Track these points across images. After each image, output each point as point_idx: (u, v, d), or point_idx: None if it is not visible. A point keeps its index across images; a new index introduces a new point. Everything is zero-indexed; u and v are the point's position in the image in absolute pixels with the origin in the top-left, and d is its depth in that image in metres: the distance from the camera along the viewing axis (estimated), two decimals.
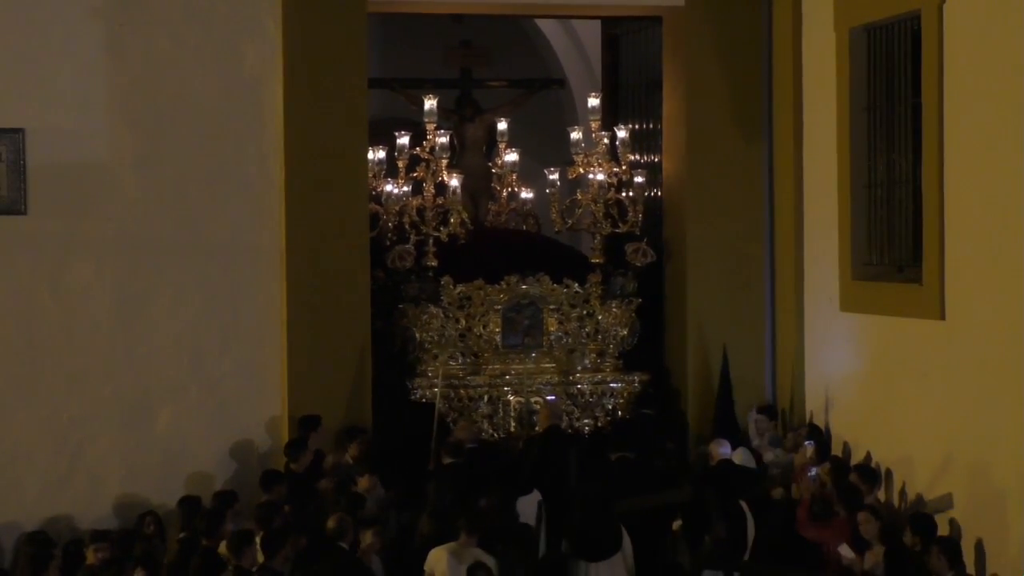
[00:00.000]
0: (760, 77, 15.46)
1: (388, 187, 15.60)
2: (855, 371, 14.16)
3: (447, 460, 13.55)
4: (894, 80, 13.72)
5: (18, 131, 14.04)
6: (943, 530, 12.51)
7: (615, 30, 17.52)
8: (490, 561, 11.69)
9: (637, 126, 17.04)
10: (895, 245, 13.75)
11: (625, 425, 14.91)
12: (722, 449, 13.72)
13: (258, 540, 11.60)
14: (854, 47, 14.08)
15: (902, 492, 13.33)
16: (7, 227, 14.05)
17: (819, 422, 14.63)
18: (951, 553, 11.63)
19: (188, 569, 11.84)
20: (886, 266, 13.89)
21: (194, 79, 14.40)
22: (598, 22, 17.88)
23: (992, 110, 12.19)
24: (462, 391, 15.00)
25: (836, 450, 14.27)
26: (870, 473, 13.27)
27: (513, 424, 15.01)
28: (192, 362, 14.40)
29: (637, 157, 16.89)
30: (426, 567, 11.85)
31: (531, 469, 13.63)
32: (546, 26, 19.96)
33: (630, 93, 17.31)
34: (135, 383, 14.27)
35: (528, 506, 12.99)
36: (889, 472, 13.52)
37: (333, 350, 14.52)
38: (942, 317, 12.78)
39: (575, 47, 19.90)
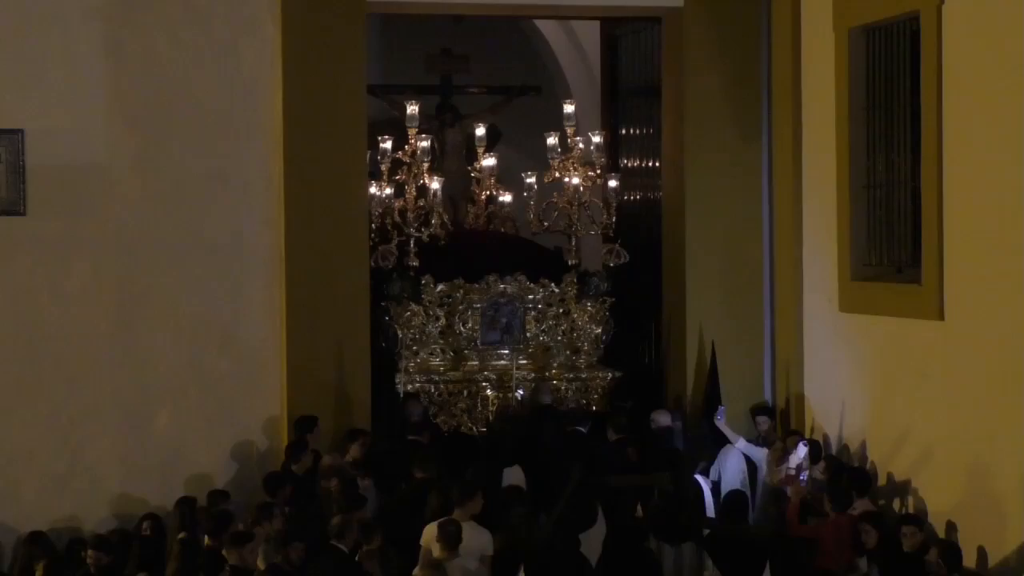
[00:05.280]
0: (759, 78, 15.46)
1: (372, 189, 15.97)
2: (854, 372, 14.16)
3: (411, 437, 13.94)
4: (893, 80, 13.72)
5: (17, 132, 14.06)
6: (941, 531, 12.53)
7: (615, 31, 17.53)
8: (485, 534, 11.81)
9: (636, 128, 17.07)
10: (894, 245, 13.75)
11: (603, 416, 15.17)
12: (662, 419, 14.56)
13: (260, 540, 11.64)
14: (853, 47, 14.09)
15: (902, 494, 13.34)
16: (6, 227, 14.07)
17: (818, 423, 14.64)
18: (951, 555, 11.64)
19: (189, 569, 11.83)
20: (885, 266, 13.89)
21: (193, 79, 14.41)
22: (597, 24, 17.89)
23: (991, 110, 12.20)
24: (442, 386, 15.30)
25: (835, 451, 14.27)
26: (861, 476, 13.28)
27: (491, 418, 15.28)
28: (191, 362, 14.41)
29: (637, 160, 16.98)
30: (423, 542, 11.91)
31: (514, 443, 13.96)
32: (545, 27, 19.97)
33: (629, 94, 17.34)
34: (135, 383, 14.29)
35: (510, 479, 13.22)
36: (888, 473, 13.52)
37: (332, 351, 14.53)
38: (941, 317, 12.78)
39: (575, 48, 19.91)
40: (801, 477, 13.38)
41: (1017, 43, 11.87)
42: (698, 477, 13.95)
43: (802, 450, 13.59)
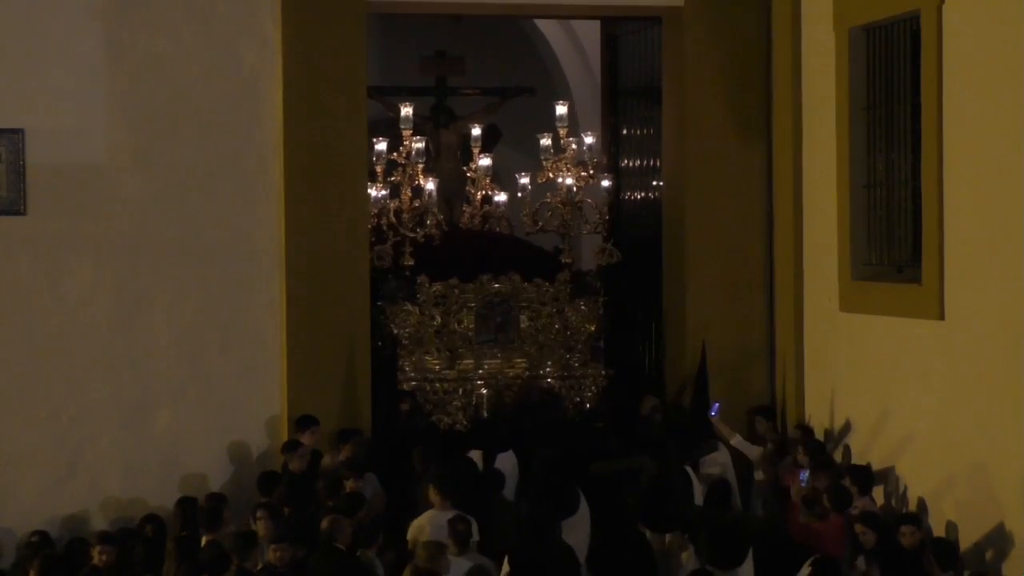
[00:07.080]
0: (760, 77, 15.46)
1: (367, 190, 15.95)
2: (855, 371, 14.17)
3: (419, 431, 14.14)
4: (894, 80, 13.72)
5: (18, 131, 14.07)
6: (939, 531, 12.53)
7: (615, 31, 17.54)
8: (472, 525, 11.82)
9: (636, 128, 17.08)
10: (895, 245, 13.75)
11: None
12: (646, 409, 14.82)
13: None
14: (854, 47, 14.08)
15: (902, 493, 13.34)
16: (7, 227, 14.08)
17: (818, 423, 14.64)
18: (947, 555, 11.64)
19: (186, 568, 11.83)
20: (886, 266, 13.89)
21: (193, 80, 14.42)
22: (597, 24, 17.89)
23: (992, 110, 12.20)
24: (438, 384, 15.39)
25: (834, 450, 14.27)
26: (863, 474, 13.26)
27: (485, 415, 15.39)
28: (191, 362, 14.42)
29: (637, 159, 16.99)
30: (409, 537, 11.91)
31: (507, 428, 14.21)
32: (545, 27, 19.98)
33: (629, 94, 17.34)
34: (135, 383, 14.29)
35: (504, 464, 13.34)
36: (888, 472, 13.52)
37: (332, 350, 14.54)
38: (942, 317, 12.78)
39: (575, 48, 19.92)
40: (801, 476, 13.37)
41: (1018, 43, 11.87)
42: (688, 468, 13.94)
43: (803, 475, 13.52)
